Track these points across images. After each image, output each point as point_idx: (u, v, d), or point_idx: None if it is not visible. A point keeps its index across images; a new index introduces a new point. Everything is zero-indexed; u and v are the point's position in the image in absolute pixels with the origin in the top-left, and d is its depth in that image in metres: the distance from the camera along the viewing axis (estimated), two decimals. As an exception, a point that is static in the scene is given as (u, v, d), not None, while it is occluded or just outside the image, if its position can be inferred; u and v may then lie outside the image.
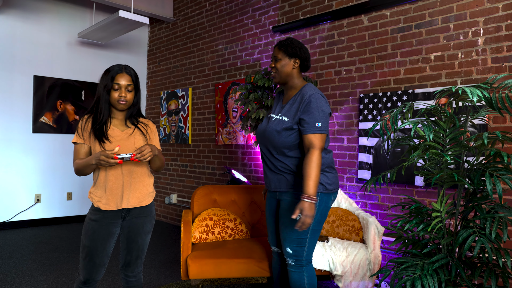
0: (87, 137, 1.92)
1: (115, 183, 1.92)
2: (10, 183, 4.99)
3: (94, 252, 1.91)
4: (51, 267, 3.47)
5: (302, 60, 2.13)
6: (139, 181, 1.98)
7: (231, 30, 4.74)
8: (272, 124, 2.13)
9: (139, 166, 1.98)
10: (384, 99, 3.23)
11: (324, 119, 2.00)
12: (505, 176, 1.71)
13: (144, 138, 2.00)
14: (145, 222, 2.00)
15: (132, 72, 1.95)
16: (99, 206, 1.92)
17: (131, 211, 1.97)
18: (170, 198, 5.51)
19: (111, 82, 1.90)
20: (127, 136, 1.95)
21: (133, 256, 1.99)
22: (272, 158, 2.16)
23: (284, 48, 2.11)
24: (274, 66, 2.14)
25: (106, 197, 1.92)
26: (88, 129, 1.93)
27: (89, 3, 5.62)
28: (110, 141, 1.91)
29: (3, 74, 4.93)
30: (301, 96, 2.07)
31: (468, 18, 2.85)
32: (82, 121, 1.95)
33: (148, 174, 2.03)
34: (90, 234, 1.92)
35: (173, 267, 3.55)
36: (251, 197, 3.20)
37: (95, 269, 1.93)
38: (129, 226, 1.97)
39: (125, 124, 1.99)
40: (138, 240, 1.99)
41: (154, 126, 2.08)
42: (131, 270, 2.01)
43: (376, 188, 3.29)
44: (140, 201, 1.98)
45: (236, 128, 4.57)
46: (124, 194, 1.94)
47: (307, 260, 2.13)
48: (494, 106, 1.69)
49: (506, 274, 1.80)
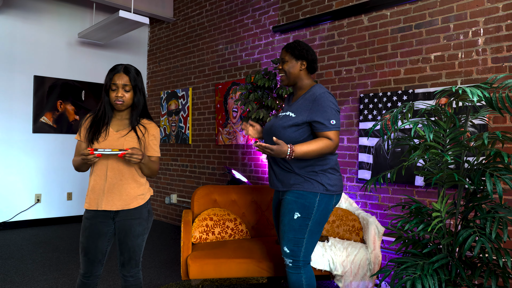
0: (84, 134, 1.98)
1: (97, 183, 1.95)
2: (10, 183, 4.99)
3: (87, 248, 1.96)
4: (51, 267, 3.47)
5: (309, 62, 2.18)
6: (126, 183, 1.96)
7: (231, 30, 4.74)
8: (279, 120, 2.17)
9: (128, 168, 1.96)
10: (384, 99, 3.22)
11: (336, 116, 2.06)
12: (505, 176, 1.71)
13: (138, 141, 1.97)
14: (133, 224, 1.97)
15: (132, 72, 1.93)
16: (85, 205, 2.00)
17: (119, 213, 1.98)
18: (170, 198, 5.51)
19: (109, 82, 1.92)
20: (118, 137, 1.95)
21: (125, 257, 2.00)
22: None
23: (291, 50, 2.16)
24: (281, 68, 2.19)
25: (89, 196, 1.97)
26: (86, 127, 1.98)
27: (89, 3, 5.62)
28: (98, 142, 1.93)
29: (3, 74, 4.93)
30: (310, 95, 2.11)
31: (468, 18, 2.85)
32: (84, 119, 2.02)
33: (137, 177, 2.00)
34: (83, 231, 1.98)
35: (173, 267, 3.55)
36: (251, 197, 3.20)
37: (91, 264, 1.98)
38: (118, 228, 1.99)
39: (125, 125, 1.99)
40: (128, 242, 1.98)
41: (156, 130, 2.03)
42: (126, 270, 2.02)
43: (376, 188, 3.29)
44: (127, 204, 1.96)
45: (236, 128, 4.57)
46: (106, 196, 1.94)
47: (305, 261, 2.12)
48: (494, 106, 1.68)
49: (506, 274, 1.80)
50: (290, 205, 2.10)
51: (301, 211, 2.07)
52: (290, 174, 2.14)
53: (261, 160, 4.29)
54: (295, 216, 2.07)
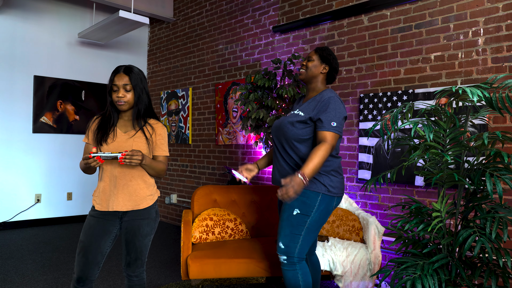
0: (91, 137, 1.98)
1: (106, 185, 1.95)
2: (10, 183, 4.99)
3: (88, 247, 1.92)
4: (51, 267, 3.47)
5: (331, 69, 2.27)
6: (136, 183, 1.96)
7: (231, 30, 4.74)
8: (288, 118, 2.24)
9: (135, 169, 1.96)
10: (384, 99, 3.22)
11: (339, 120, 2.09)
12: (505, 176, 1.71)
13: (147, 141, 1.97)
14: (141, 224, 1.98)
15: (132, 71, 1.93)
16: (94, 205, 1.98)
17: (127, 213, 1.98)
18: (170, 198, 5.51)
19: (110, 84, 1.93)
20: (127, 138, 1.95)
21: (132, 257, 2.00)
22: (283, 151, 2.23)
23: (320, 51, 2.27)
24: (305, 64, 2.27)
25: (100, 197, 1.97)
26: (93, 130, 1.99)
27: (89, 3, 5.62)
28: (107, 143, 1.92)
29: (3, 74, 4.93)
30: (320, 97, 2.18)
31: (468, 18, 2.85)
32: (90, 122, 2.02)
33: (147, 177, 2.01)
34: (86, 229, 1.95)
35: (173, 267, 3.55)
36: (251, 197, 3.20)
37: (88, 266, 1.92)
38: (126, 228, 1.98)
39: (131, 126, 1.99)
40: (135, 242, 1.98)
41: (163, 130, 2.02)
42: (132, 270, 2.02)
43: (376, 188, 3.29)
44: (137, 204, 1.97)
45: (236, 128, 4.57)
46: (115, 197, 1.94)
47: (299, 257, 2.14)
48: (494, 106, 1.69)
49: (506, 274, 1.80)
50: (291, 202, 2.13)
51: (301, 208, 2.10)
52: (292, 171, 2.18)
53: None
54: (294, 212, 2.10)
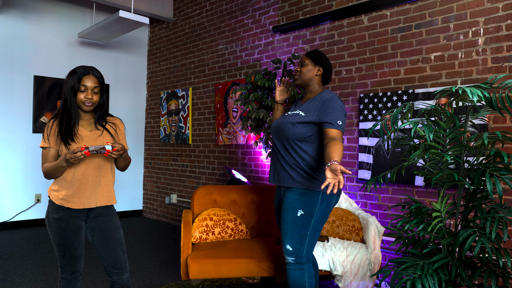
0: (53, 141, 1.95)
1: (83, 182, 1.96)
2: (10, 183, 4.99)
3: (72, 247, 1.96)
4: (51, 267, 3.47)
5: (325, 70, 2.32)
6: (107, 178, 2.04)
7: (231, 30, 4.74)
8: (288, 118, 2.26)
9: (106, 162, 2.02)
10: (384, 99, 3.22)
11: (343, 118, 2.15)
12: (505, 176, 1.71)
13: (112, 138, 2.05)
14: (112, 218, 2.05)
15: (99, 74, 1.99)
16: (63, 204, 1.94)
17: (93, 209, 2.01)
18: (170, 198, 5.51)
19: (78, 84, 1.92)
20: (96, 137, 2.00)
21: (118, 251, 2.02)
22: (284, 151, 2.24)
23: (311, 55, 2.32)
24: (299, 70, 2.33)
25: (73, 196, 1.94)
26: (54, 133, 1.95)
27: (89, 3, 5.62)
28: (76, 142, 1.94)
29: (3, 74, 4.93)
30: (320, 98, 2.22)
31: (468, 18, 2.85)
32: (48, 126, 1.97)
33: (113, 171, 2.08)
34: (60, 233, 1.94)
35: (173, 267, 3.55)
36: (251, 197, 3.20)
37: (77, 260, 2.00)
38: (99, 225, 2.01)
39: (94, 125, 2.03)
40: (115, 234, 2.03)
41: (122, 125, 2.14)
42: (123, 267, 2.03)
43: (376, 188, 3.29)
44: (110, 200, 2.04)
45: (236, 128, 4.57)
46: (93, 193, 1.98)
47: (307, 258, 2.16)
48: (494, 106, 1.69)
49: (506, 274, 1.80)
50: (293, 203, 2.14)
51: (304, 208, 2.11)
52: (293, 171, 2.18)
53: (261, 160, 4.29)
54: (298, 214, 2.11)
